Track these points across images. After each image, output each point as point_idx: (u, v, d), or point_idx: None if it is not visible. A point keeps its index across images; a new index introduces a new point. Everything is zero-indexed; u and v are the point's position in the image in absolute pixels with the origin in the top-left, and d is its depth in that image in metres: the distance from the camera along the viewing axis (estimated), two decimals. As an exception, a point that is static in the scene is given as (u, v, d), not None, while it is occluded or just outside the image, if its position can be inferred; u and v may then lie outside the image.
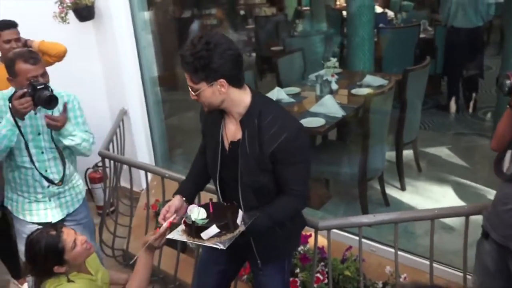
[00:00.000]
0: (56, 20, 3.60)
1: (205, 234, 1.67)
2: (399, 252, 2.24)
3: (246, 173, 1.77)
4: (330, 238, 2.16)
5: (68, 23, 3.64)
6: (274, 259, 2.00)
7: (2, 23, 3.02)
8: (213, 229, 1.67)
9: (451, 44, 5.23)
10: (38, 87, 2.16)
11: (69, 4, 3.60)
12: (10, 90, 2.34)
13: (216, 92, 1.67)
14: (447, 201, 3.64)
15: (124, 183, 3.69)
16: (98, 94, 4.06)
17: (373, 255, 2.83)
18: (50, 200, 2.47)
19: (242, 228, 1.73)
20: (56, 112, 2.34)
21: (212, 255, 2.11)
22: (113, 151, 3.49)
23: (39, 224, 2.46)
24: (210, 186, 2.13)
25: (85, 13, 3.69)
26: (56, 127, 2.28)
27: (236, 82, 1.69)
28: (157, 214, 3.47)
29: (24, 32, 3.10)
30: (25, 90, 2.14)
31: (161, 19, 6.34)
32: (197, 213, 1.71)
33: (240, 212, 1.75)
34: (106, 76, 4.04)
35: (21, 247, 2.46)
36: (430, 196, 3.75)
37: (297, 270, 2.68)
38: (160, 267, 2.96)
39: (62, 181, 2.44)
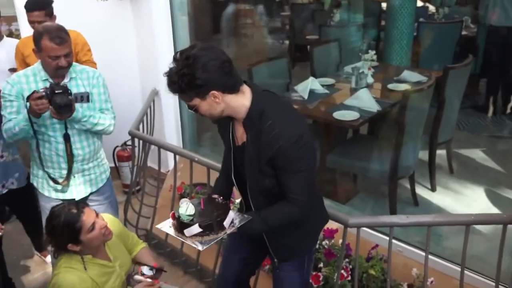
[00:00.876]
0: (95, -4, 3.59)
1: (187, 231, 1.66)
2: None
3: (249, 176, 1.76)
4: (359, 236, 2.10)
5: (106, 0, 3.63)
6: (291, 257, 1.97)
7: (28, 3, 3.03)
8: (195, 228, 1.65)
9: (490, 43, 5.04)
10: (57, 91, 2.17)
11: (109, -19, 3.58)
12: (37, 65, 2.35)
13: (212, 104, 1.62)
14: (478, 205, 3.53)
15: (150, 163, 3.70)
16: (131, 73, 4.06)
17: (399, 255, 2.76)
18: (74, 177, 2.47)
19: (229, 230, 1.70)
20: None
21: (235, 243, 2.11)
22: (143, 131, 3.49)
23: (63, 200, 2.49)
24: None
25: (123, -9, 3.67)
26: (61, 118, 2.26)
27: (229, 89, 1.61)
28: (182, 196, 3.47)
29: (64, 8, 3.10)
30: (43, 93, 2.15)
31: (197, 1, 6.29)
32: (185, 208, 1.68)
33: (231, 214, 1.72)
34: (140, 56, 4.03)
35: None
36: (461, 199, 3.64)
37: (321, 265, 2.64)
38: (183, 250, 2.96)
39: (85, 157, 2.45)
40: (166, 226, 1.76)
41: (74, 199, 2.48)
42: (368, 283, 2.59)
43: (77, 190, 2.50)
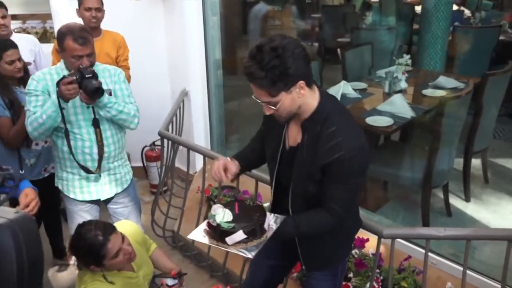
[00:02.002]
0: (128, -5, 3.61)
1: (230, 239, 1.57)
2: (460, 269, 2.08)
3: (296, 179, 1.69)
4: (394, 248, 2.03)
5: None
6: (322, 266, 1.91)
7: None
8: (240, 235, 1.57)
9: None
10: (87, 76, 2.16)
11: (142, -19, 3.59)
12: (60, 64, 2.35)
13: (295, 98, 1.54)
14: (515, 218, 3.40)
15: (178, 163, 3.69)
16: (161, 73, 4.06)
17: (432, 267, 2.66)
18: (101, 176, 2.44)
19: (269, 233, 1.64)
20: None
21: (265, 249, 2.03)
22: (172, 131, 3.48)
23: (90, 202, 2.49)
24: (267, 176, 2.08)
25: (156, -10, 3.68)
26: (91, 102, 2.26)
27: (309, 81, 1.56)
28: (209, 199, 3.45)
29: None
30: (74, 77, 2.15)
31: (228, 1, 6.28)
32: (222, 215, 1.61)
33: (268, 216, 1.66)
34: (170, 55, 4.03)
35: (72, 226, 2.45)
36: (496, 211, 3.51)
37: (351, 275, 2.57)
38: (209, 253, 2.93)
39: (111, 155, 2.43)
40: (200, 236, 1.66)
41: (99, 199, 2.48)
42: (400, 295, 2.51)
43: (103, 189, 2.48)
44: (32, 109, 2.25)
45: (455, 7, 5.90)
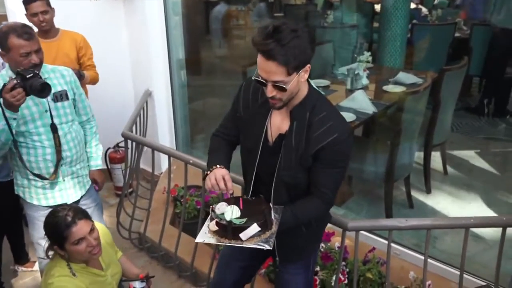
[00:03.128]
0: (87, -4, 3.54)
1: (244, 235, 1.54)
2: (421, 257, 2.15)
3: (285, 167, 1.68)
4: (358, 240, 2.08)
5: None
6: (298, 259, 1.93)
7: None
8: (254, 229, 1.55)
9: (492, 44, 5.04)
10: (28, 76, 2.02)
11: (101, -20, 3.53)
12: (5, 71, 2.23)
13: (299, 81, 1.56)
14: (473, 207, 3.53)
15: (143, 165, 3.65)
16: (123, 74, 4.01)
17: (395, 258, 2.74)
18: (64, 180, 2.38)
19: (276, 224, 1.64)
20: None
21: (234, 251, 1.99)
22: (136, 132, 3.44)
23: (53, 207, 2.41)
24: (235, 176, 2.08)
25: (116, -10, 3.62)
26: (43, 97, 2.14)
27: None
28: (175, 199, 3.43)
29: (56, 5, 3.05)
30: (14, 81, 2.00)
31: (190, 1, 6.25)
32: (230, 212, 1.58)
33: (271, 207, 1.66)
34: (133, 56, 3.98)
35: (34, 233, 2.41)
36: (455, 201, 3.64)
37: (317, 268, 2.61)
38: (176, 253, 2.91)
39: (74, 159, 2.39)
40: (206, 237, 1.60)
41: (66, 203, 2.42)
42: (365, 286, 2.56)
43: (68, 193, 2.41)
44: None
45: (413, 5, 6.08)
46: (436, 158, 3.94)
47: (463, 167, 4.14)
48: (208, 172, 1.74)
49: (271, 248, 1.57)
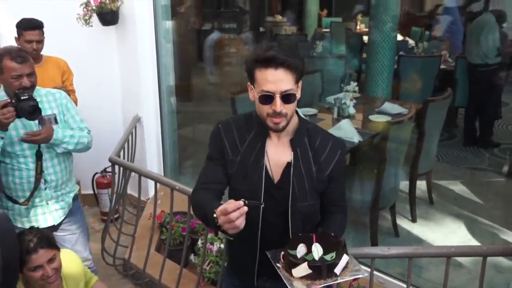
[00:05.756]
0: (80, 22, 3.60)
1: (338, 269, 1.47)
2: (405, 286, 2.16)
3: (300, 198, 1.62)
4: (341, 268, 2.08)
5: (91, 26, 3.64)
6: None
7: (26, 22, 3.02)
8: (344, 260, 1.49)
9: (469, 78, 5.21)
10: (22, 98, 2.09)
11: (94, 8, 3.60)
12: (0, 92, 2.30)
13: (298, 95, 1.56)
14: (458, 237, 3.56)
15: (130, 190, 3.65)
16: (113, 99, 4.04)
17: (380, 287, 2.75)
18: (48, 204, 2.39)
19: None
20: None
21: None
22: (124, 157, 3.45)
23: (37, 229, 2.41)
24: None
25: (109, 18, 3.69)
26: (37, 142, 2.20)
27: None
28: (161, 225, 3.41)
29: (47, 33, 3.10)
30: (8, 100, 2.08)
31: (182, 30, 6.37)
32: (317, 252, 1.48)
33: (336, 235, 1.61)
34: (123, 82, 4.02)
35: None
36: (441, 230, 3.67)
37: (302, 297, 2.60)
38: (161, 280, 2.88)
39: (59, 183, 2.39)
40: (303, 286, 1.45)
41: (36, 227, 2.41)
42: (350, 315, 2.56)
43: (53, 216, 2.42)
44: None
45: (400, 38, 6.24)
46: (422, 187, 3.99)
47: (448, 197, 4.19)
48: (216, 221, 1.45)
49: (366, 274, 1.53)
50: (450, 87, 4.09)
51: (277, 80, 1.48)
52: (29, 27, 2.99)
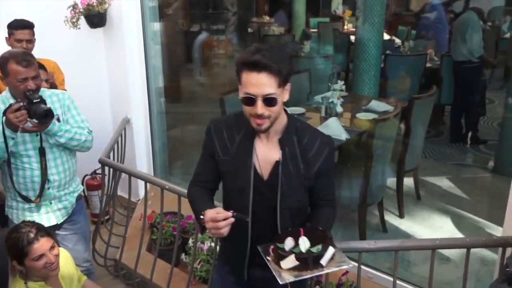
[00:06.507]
0: (67, 25, 3.61)
1: (324, 261, 1.54)
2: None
3: (289, 195, 1.68)
4: (329, 262, 2.12)
5: (79, 28, 3.65)
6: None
7: (17, 22, 3.03)
8: (330, 252, 1.55)
9: (454, 76, 5.30)
10: (35, 101, 2.15)
11: (82, 10, 3.61)
12: (5, 93, 2.34)
13: (283, 99, 1.60)
14: (445, 231, 3.62)
15: (120, 192, 3.66)
16: (102, 101, 4.05)
17: (369, 281, 2.80)
18: (51, 203, 2.43)
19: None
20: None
21: (224, 285, 1.94)
22: (113, 159, 3.46)
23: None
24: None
25: (96, 20, 3.70)
26: (41, 129, 2.23)
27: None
28: (152, 225, 3.43)
29: (36, 32, 3.10)
30: (21, 103, 2.13)
31: (170, 31, 6.40)
32: (303, 244, 1.56)
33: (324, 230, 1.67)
34: (111, 84, 4.03)
35: None
36: (428, 225, 3.73)
37: (292, 292, 2.63)
38: (152, 280, 2.91)
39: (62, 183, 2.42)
40: (287, 277, 1.52)
41: (54, 225, 2.45)
42: (339, 310, 2.60)
43: (56, 215, 2.46)
44: None
45: (387, 37, 6.32)
46: (409, 184, 4.05)
47: (435, 192, 4.26)
48: (203, 221, 1.61)
49: (350, 265, 1.61)
50: (436, 85, 4.17)
51: (260, 83, 1.52)
52: (20, 26, 3.00)
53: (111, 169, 3.20)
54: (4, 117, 2.14)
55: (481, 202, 4.09)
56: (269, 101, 1.54)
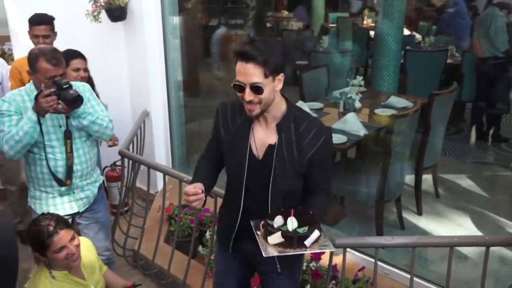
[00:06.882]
0: (88, 18, 3.65)
1: (308, 241, 1.64)
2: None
3: (281, 177, 1.79)
4: (345, 257, 2.13)
5: (100, 22, 3.70)
6: (288, 266, 1.96)
7: (34, 17, 3.08)
8: (316, 234, 1.65)
9: (476, 72, 5.21)
10: (64, 87, 2.21)
11: (103, 4, 3.65)
12: (29, 85, 2.38)
13: (274, 89, 1.71)
14: (463, 230, 3.58)
15: (139, 183, 3.70)
16: (122, 94, 4.10)
17: (386, 278, 2.78)
18: (74, 193, 2.48)
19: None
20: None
21: (229, 267, 2.09)
22: (133, 151, 3.51)
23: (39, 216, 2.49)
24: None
25: (117, 14, 3.74)
26: (69, 111, 2.29)
27: (284, 82, 1.73)
28: (170, 217, 3.47)
29: (57, 26, 3.15)
30: (52, 89, 2.19)
31: (189, 25, 6.41)
32: (291, 224, 1.67)
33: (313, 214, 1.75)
34: (131, 77, 4.08)
35: None
36: (446, 223, 3.69)
37: (308, 286, 2.65)
38: (170, 271, 2.94)
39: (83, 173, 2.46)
40: (271, 251, 1.66)
41: (71, 214, 2.50)
42: (355, 305, 2.60)
43: (78, 204, 2.51)
44: (6, 129, 2.26)
45: (407, 32, 6.24)
46: (428, 181, 4.01)
47: (454, 190, 4.21)
48: None
49: (335, 249, 1.73)
50: (457, 82, 4.10)
51: (247, 73, 1.66)
52: (36, 22, 3.05)
53: (131, 161, 3.24)
54: (35, 102, 2.20)
55: (502, 201, 4.03)
56: (256, 89, 1.66)
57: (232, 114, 1.87)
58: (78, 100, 2.24)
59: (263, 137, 1.81)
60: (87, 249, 2.12)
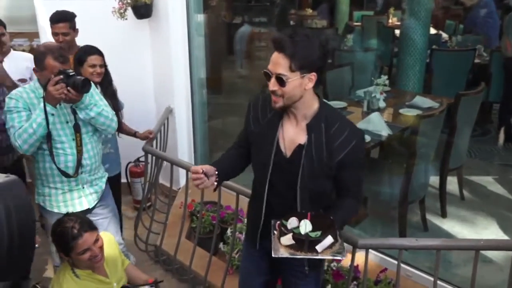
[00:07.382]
0: (115, 15, 3.70)
1: (320, 247, 1.62)
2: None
3: (309, 177, 1.76)
4: (368, 258, 2.11)
5: (126, 19, 3.74)
6: (316, 268, 1.97)
7: (53, 15, 3.12)
8: (329, 240, 1.62)
9: (505, 72, 5.08)
10: (71, 74, 2.24)
11: (129, 1, 3.69)
12: (33, 83, 2.41)
13: (302, 85, 1.68)
14: (489, 233, 3.51)
15: (162, 180, 3.74)
16: (146, 91, 4.14)
17: (408, 280, 2.75)
18: (83, 188, 2.50)
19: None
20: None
21: (255, 266, 2.09)
22: (156, 147, 3.54)
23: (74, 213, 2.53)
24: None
25: (143, 11, 3.78)
26: (69, 99, 2.28)
27: (318, 81, 1.71)
28: (192, 214, 3.50)
29: (83, 25, 3.20)
30: (60, 76, 2.21)
31: (213, 23, 6.44)
32: (304, 227, 1.64)
33: (334, 220, 1.71)
34: (156, 74, 4.12)
35: None
36: (471, 226, 3.62)
37: (329, 286, 2.63)
38: (191, 267, 2.97)
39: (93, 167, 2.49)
40: (281, 252, 1.65)
41: (73, 212, 2.51)
42: (376, 307, 2.57)
43: (88, 199, 2.54)
44: (17, 125, 2.28)
45: (433, 31, 6.13)
46: (453, 183, 3.94)
47: (480, 193, 4.12)
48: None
49: (345, 258, 1.68)
50: (484, 82, 4.01)
51: (275, 62, 1.67)
52: (54, 20, 3.09)
53: (154, 157, 3.28)
54: (45, 93, 2.22)
55: (529, 204, 3.94)
56: (280, 80, 1.66)
57: (263, 107, 1.86)
58: (86, 83, 2.24)
59: (292, 135, 1.79)
60: (109, 244, 2.15)
